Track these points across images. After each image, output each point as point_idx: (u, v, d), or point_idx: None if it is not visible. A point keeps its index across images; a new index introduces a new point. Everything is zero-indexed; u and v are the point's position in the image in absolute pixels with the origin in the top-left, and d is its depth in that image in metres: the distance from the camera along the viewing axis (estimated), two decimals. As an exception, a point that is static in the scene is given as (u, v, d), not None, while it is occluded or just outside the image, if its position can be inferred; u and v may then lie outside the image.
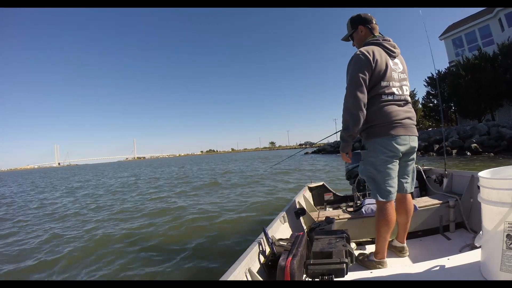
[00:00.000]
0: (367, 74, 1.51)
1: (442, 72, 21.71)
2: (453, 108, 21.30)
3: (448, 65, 22.02)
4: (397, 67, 1.62)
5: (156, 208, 6.12)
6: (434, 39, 23.06)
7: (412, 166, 1.71)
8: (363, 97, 1.50)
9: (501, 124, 13.48)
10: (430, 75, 22.97)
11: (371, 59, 1.51)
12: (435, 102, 23.54)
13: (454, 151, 12.98)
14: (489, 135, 12.95)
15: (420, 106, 25.69)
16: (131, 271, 2.86)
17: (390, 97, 1.55)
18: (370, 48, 1.56)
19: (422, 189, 2.83)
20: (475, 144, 12.44)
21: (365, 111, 1.52)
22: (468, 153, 12.33)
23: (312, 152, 33.32)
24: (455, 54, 21.63)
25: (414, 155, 1.69)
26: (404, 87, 1.61)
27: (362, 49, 1.56)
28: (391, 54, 1.62)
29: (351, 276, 1.18)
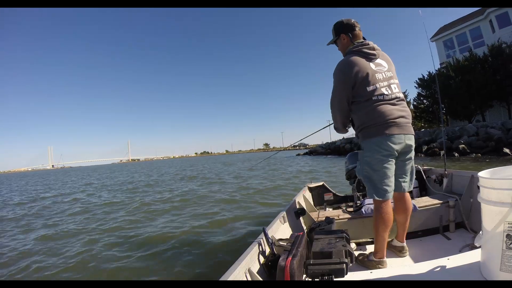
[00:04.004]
0: (348, 89, 1.60)
1: (433, 74, 22.04)
2: (444, 109, 21.64)
3: (439, 66, 22.36)
4: (381, 67, 1.62)
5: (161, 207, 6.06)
6: (425, 40, 23.41)
7: (410, 165, 1.69)
8: (343, 112, 1.70)
9: (490, 125, 13.69)
10: (421, 76, 23.32)
11: (351, 73, 1.56)
12: (426, 103, 23.87)
13: (442, 152, 13.15)
14: (477, 136, 13.14)
15: (412, 107, 26.03)
16: (130, 272, 2.84)
17: (380, 98, 1.55)
18: (349, 61, 1.60)
19: (422, 189, 2.84)
20: (463, 145, 12.60)
21: (346, 121, 1.76)
22: (456, 154, 12.40)
23: (304, 154, 33.56)
24: (446, 56, 21.97)
25: (412, 154, 1.66)
26: (392, 86, 1.60)
27: (341, 64, 1.64)
28: (371, 58, 1.62)
29: (351, 276, 1.18)
